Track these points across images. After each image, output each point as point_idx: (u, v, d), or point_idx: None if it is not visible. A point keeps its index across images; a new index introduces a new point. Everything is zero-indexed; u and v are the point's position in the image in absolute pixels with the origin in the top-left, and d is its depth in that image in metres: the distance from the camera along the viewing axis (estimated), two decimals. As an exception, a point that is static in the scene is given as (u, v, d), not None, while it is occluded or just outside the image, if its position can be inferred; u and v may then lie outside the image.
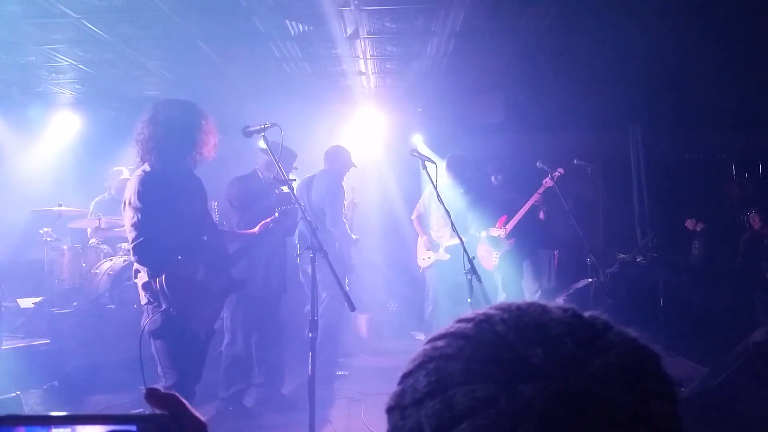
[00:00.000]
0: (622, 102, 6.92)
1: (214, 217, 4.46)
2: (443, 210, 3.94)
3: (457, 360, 0.54)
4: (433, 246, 5.89)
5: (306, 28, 4.97)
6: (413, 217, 6.15)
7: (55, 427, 0.58)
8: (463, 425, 0.49)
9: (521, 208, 5.78)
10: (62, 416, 0.58)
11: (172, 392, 0.61)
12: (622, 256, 6.25)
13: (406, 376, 0.59)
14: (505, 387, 0.50)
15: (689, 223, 6.56)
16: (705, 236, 6.62)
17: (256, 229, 3.75)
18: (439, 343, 0.57)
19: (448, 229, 5.81)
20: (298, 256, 4.77)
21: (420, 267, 6.05)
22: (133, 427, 0.57)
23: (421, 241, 6.02)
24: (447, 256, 5.75)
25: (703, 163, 7.62)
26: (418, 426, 0.53)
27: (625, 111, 7.23)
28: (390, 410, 0.59)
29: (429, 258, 5.90)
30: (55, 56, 5.49)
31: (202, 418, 0.62)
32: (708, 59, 5.68)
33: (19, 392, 3.75)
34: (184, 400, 0.61)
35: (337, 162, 5.27)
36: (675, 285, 6.18)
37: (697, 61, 5.72)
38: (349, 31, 5.06)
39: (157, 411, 0.60)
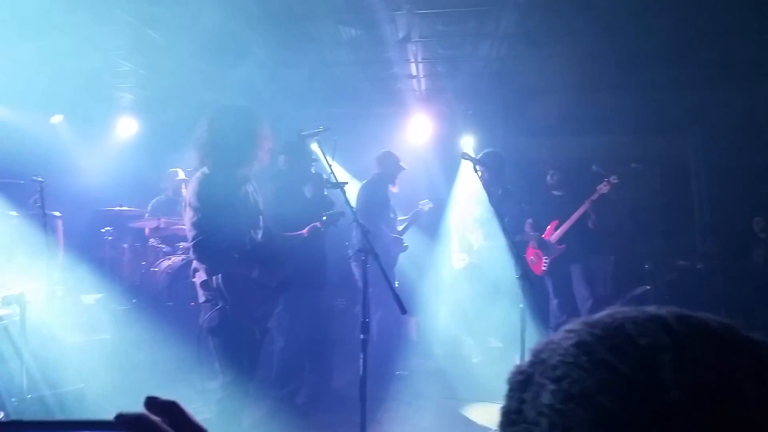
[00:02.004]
0: (681, 104, 6.70)
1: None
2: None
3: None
4: (464, 247, 5.90)
5: (358, 32, 5.02)
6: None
7: None
8: None
9: (574, 212, 5.66)
10: (41, 422, 0.60)
11: (173, 400, 0.62)
12: (682, 262, 6.04)
13: (536, 359, 0.56)
14: None
15: (757, 222, 6.24)
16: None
17: (305, 231, 3.80)
18: (584, 362, 0.52)
19: (481, 231, 5.82)
20: (349, 258, 4.81)
21: (454, 268, 6.09)
22: None
23: (455, 242, 6.09)
24: (478, 259, 5.76)
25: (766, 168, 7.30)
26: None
27: (684, 113, 7.00)
28: (510, 389, 0.58)
29: (463, 260, 5.94)
30: (118, 62, 5.71)
31: (203, 427, 0.62)
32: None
33: (83, 385, 3.90)
34: (184, 408, 0.62)
35: (387, 166, 5.33)
36: (736, 293, 5.94)
37: (761, 61, 5.49)
38: (401, 35, 5.08)
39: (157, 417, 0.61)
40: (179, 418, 0.61)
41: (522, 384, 0.56)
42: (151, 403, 0.61)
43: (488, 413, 4.55)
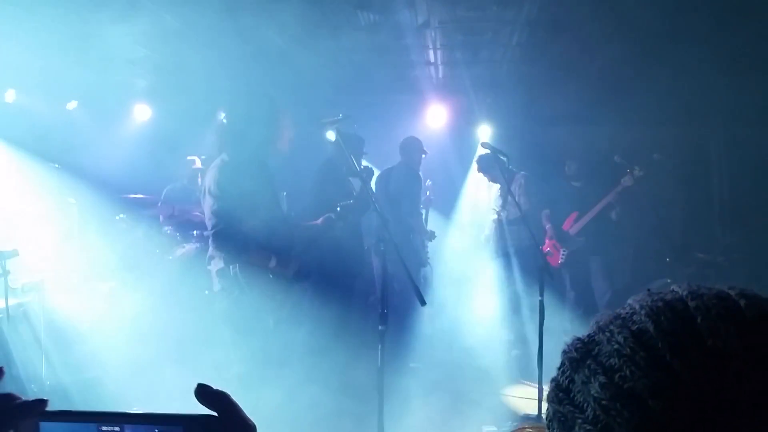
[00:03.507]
0: (703, 94, 6.55)
1: (284, 207, 4.52)
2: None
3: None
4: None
5: (376, 18, 4.93)
6: None
7: (104, 425, 0.58)
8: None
9: (594, 205, 5.57)
10: (111, 414, 0.59)
11: (224, 391, 0.60)
12: (701, 255, 5.93)
13: (592, 340, 0.54)
14: None
15: None
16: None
17: (320, 220, 3.77)
18: (640, 359, 0.49)
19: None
20: (368, 248, 4.78)
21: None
22: (179, 428, 0.57)
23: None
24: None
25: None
26: (572, 420, 0.51)
27: (707, 104, 6.85)
28: (562, 363, 0.56)
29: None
30: (134, 47, 5.66)
31: (251, 421, 0.60)
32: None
33: (100, 372, 3.90)
34: (234, 401, 0.59)
35: (412, 152, 5.32)
36: (757, 287, 5.82)
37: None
38: (420, 21, 4.99)
39: (207, 409, 0.59)
40: (229, 410, 0.58)
41: (575, 363, 0.54)
42: (202, 392, 0.58)
43: (502, 406, 4.52)
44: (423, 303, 3.22)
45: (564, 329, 4.80)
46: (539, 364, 3.64)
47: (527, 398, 4.64)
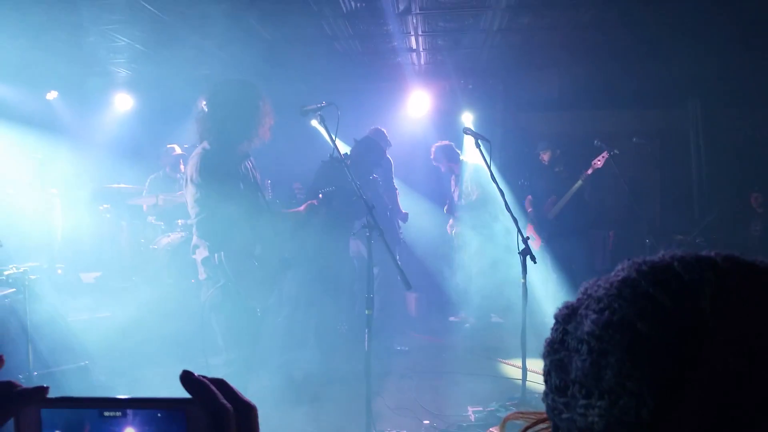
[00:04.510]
0: (681, 77, 6.65)
1: (267, 195, 4.54)
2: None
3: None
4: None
5: (358, 5, 4.93)
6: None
7: (106, 411, 0.58)
8: (602, 402, 0.51)
9: (570, 188, 5.67)
10: (114, 399, 0.59)
11: (215, 378, 0.61)
12: (680, 237, 6.06)
13: (584, 294, 0.59)
14: None
15: (755, 197, 6.26)
16: (765, 218, 6.34)
17: (302, 207, 3.79)
18: (627, 294, 0.55)
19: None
20: (354, 234, 4.81)
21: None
22: (182, 412, 0.58)
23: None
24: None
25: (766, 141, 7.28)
26: (567, 362, 0.56)
27: (684, 86, 6.95)
28: (556, 321, 0.61)
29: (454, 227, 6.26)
30: (114, 36, 5.61)
31: (251, 402, 0.61)
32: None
33: (87, 362, 3.91)
34: (232, 385, 0.61)
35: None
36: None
37: (761, 33, 5.43)
38: (402, 7, 5.00)
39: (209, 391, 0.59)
40: (207, 396, 0.59)
41: (567, 317, 0.59)
42: (186, 378, 0.59)
43: (487, 386, 4.60)
44: (408, 287, 3.27)
45: (547, 311, 4.90)
46: (522, 346, 3.71)
47: (512, 378, 4.74)
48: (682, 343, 0.49)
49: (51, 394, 0.59)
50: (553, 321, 0.62)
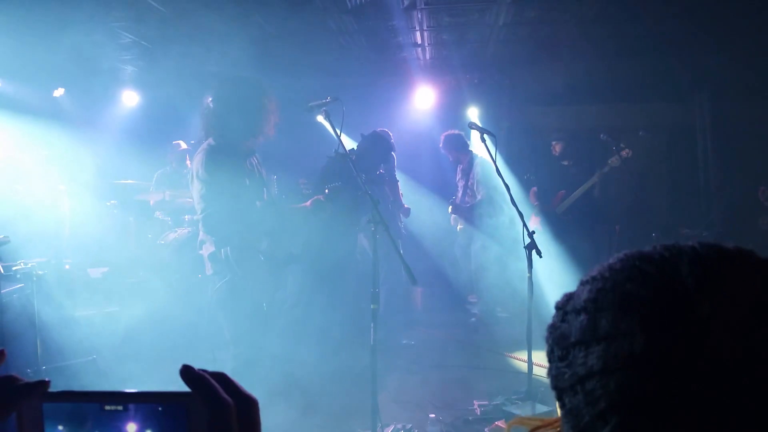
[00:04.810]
0: (687, 70, 6.60)
1: (273, 190, 4.55)
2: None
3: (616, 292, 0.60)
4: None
5: (363, 0, 4.93)
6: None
7: (108, 405, 0.58)
8: (599, 347, 0.58)
9: (581, 183, 5.64)
10: (115, 393, 0.59)
11: (216, 372, 0.61)
12: (687, 230, 6.03)
13: (581, 283, 0.66)
14: (646, 330, 0.56)
15: (762, 191, 6.22)
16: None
17: (309, 203, 3.80)
18: (617, 266, 0.62)
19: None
20: (360, 228, 4.82)
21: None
22: (182, 407, 0.58)
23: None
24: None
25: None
26: (568, 332, 0.62)
27: (691, 80, 6.90)
28: (557, 309, 0.67)
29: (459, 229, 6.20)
30: (120, 33, 5.63)
31: (252, 395, 0.61)
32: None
33: (95, 356, 3.94)
34: (232, 379, 0.61)
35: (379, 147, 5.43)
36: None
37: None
38: (407, 2, 4.99)
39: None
40: (207, 389, 0.59)
41: (566, 300, 0.66)
42: (185, 372, 0.59)
43: (493, 380, 4.60)
44: (414, 282, 3.28)
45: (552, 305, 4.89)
46: (528, 340, 3.71)
47: (518, 371, 4.74)
48: (667, 300, 0.56)
49: (58, 388, 0.60)
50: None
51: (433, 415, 3.91)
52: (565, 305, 0.65)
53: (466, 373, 4.84)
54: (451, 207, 6.19)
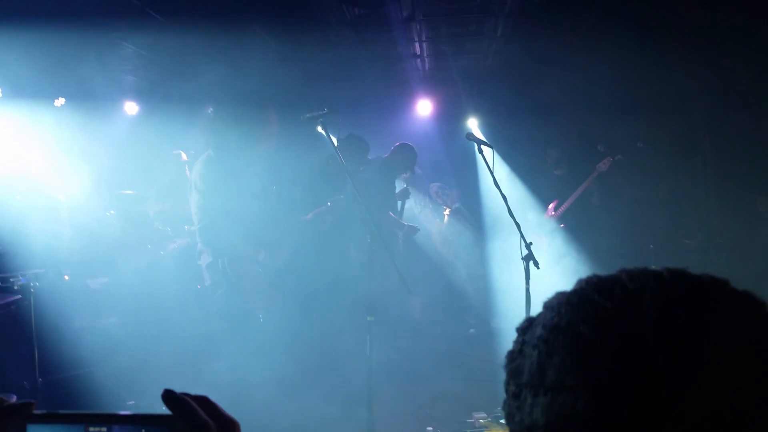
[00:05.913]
0: (686, 82, 6.61)
1: (272, 201, 4.56)
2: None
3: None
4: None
5: (362, 11, 4.96)
6: None
7: (92, 426, 0.59)
8: (545, 399, 0.54)
9: (574, 191, 5.66)
10: (99, 415, 0.60)
11: (203, 395, 0.61)
12: (686, 241, 6.02)
13: (544, 307, 0.62)
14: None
15: (761, 202, 6.22)
16: (775, 223, 6.29)
17: (310, 215, 3.81)
18: (574, 300, 0.58)
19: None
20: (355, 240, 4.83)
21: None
22: (165, 429, 0.59)
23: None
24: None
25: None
26: (521, 368, 0.59)
27: (689, 91, 6.92)
28: (517, 332, 0.64)
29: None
30: (121, 44, 5.66)
31: (234, 418, 0.62)
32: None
33: (92, 369, 3.93)
34: (215, 402, 0.61)
35: (402, 161, 5.51)
36: (740, 273, 5.92)
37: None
38: (405, 14, 5.02)
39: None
40: (188, 412, 0.60)
41: (525, 329, 0.62)
42: (168, 396, 0.60)
43: (491, 392, 4.58)
44: (410, 292, 3.29)
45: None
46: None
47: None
48: (621, 347, 0.51)
49: (53, 402, 0.60)
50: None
51: (430, 428, 3.90)
52: (525, 332, 0.62)
53: (463, 385, 4.82)
54: (448, 210, 6.19)
